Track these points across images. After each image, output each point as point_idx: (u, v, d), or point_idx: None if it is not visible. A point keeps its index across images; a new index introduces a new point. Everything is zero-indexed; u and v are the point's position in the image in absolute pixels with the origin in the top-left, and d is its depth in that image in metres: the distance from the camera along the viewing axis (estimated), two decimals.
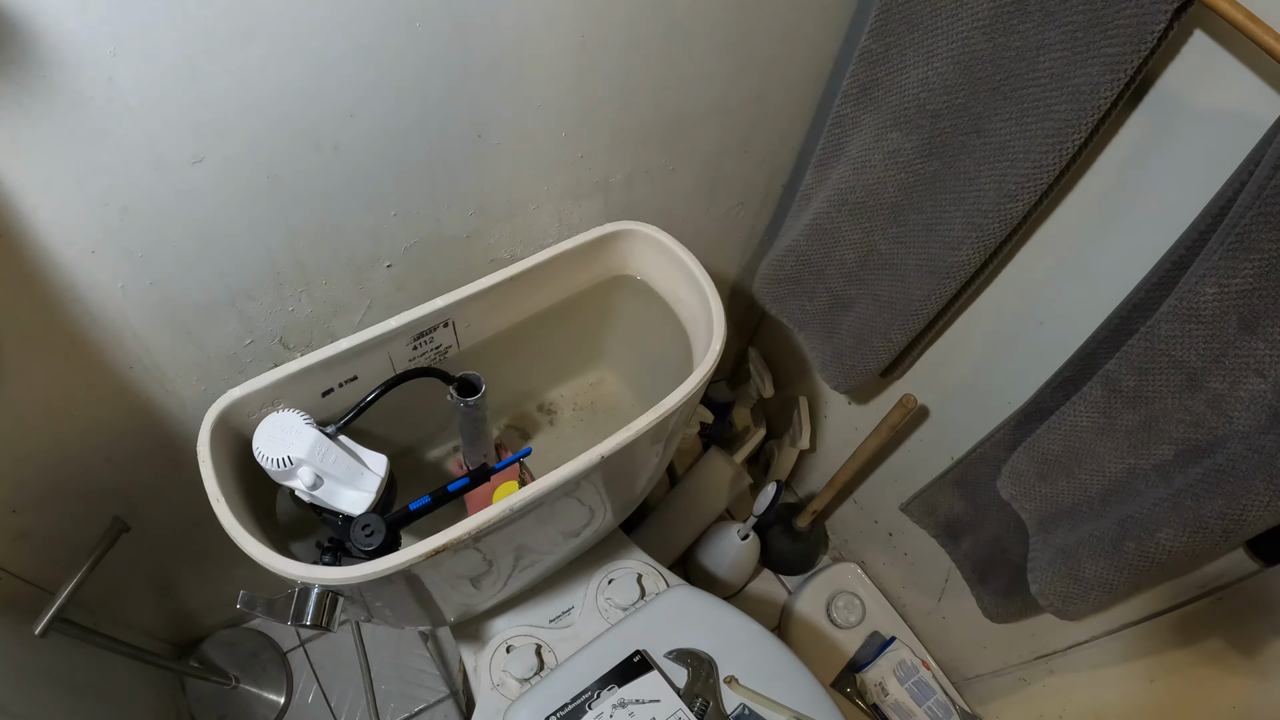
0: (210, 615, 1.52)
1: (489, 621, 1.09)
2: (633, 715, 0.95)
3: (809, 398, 1.52)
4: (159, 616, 1.43)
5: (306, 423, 0.77)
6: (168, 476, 1.03)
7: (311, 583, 0.70)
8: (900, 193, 0.97)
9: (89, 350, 0.79)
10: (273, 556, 0.70)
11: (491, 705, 1.02)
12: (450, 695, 1.54)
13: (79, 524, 1.02)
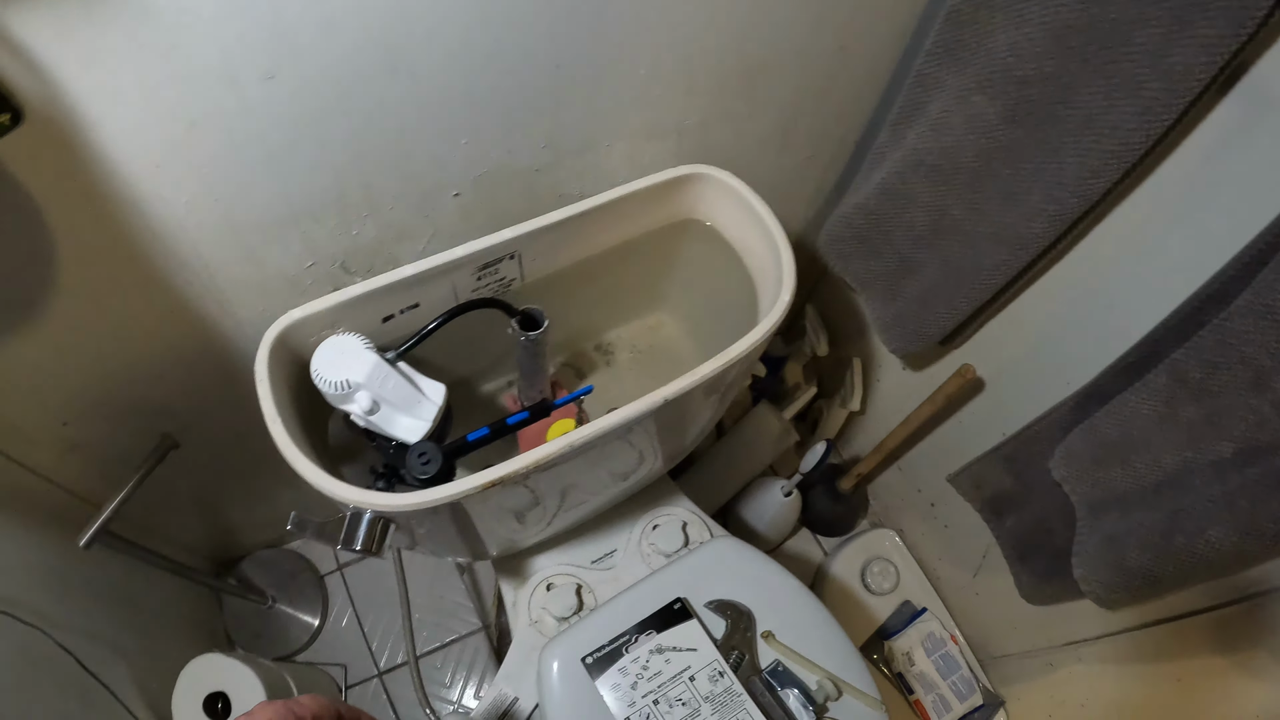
0: (251, 535, 1.54)
1: (531, 558, 1.09)
2: (669, 662, 0.95)
3: (863, 359, 1.50)
4: (200, 534, 1.46)
5: (367, 347, 0.77)
6: (219, 395, 1.04)
7: (364, 508, 0.70)
8: (979, 158, 0.94)
9: (148, 266, 0.79)
10: (327, 480, 0.70)
11: (528, 641, 1.03)
12: (482, 629, 1.56)
13: (128, 439, 1.03)
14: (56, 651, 1.00)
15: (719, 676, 0.95)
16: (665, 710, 0.94)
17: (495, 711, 1.01)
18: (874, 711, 1.01)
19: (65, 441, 1.01)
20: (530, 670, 1.01)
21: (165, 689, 1.19)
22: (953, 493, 1.33)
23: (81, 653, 1.04)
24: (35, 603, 1.00)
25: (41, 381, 0.89)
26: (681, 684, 0.95)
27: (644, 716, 0.93)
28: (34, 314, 0.79)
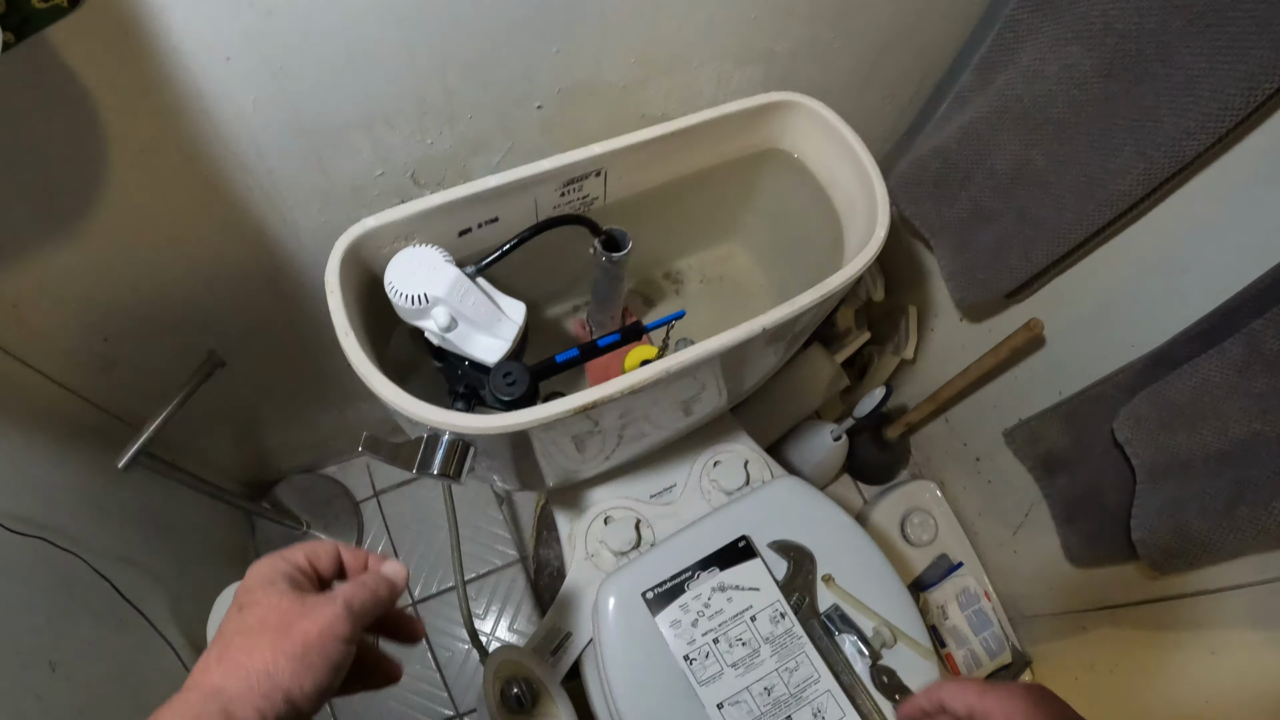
0: (287, 459, 1.52)
1: (588, 490, 1.07)
2: (730, 600, 0.93)
3: (918, 307, 1.46)
4: (237, 457, 1.44)
5: (446, 260, 0.73)
6: (271, 312, 1.01)
7: (443, 429, 0.67)
8: (1070, 109, 0.91)
9: (207, 167, 0.75)
10: (406, 398, 0.67)
11: (583, 575, 1.01)
12: (519, 560, 1.55)
13: (171, 357, 1.00)
14: (92, 577, 0.98)
15: (780, 618, 0.94)
16: (725, 650, 0.92)
17: (547, 646, 0.99)
18: (927, 662, 0.99)
19: (104, 358, 0.98)
20: (585, 605, 1.00)
21: (199, 615, 1.17)
22: (1000, 448, 1.31)
23: (117, 579, 1.02)
24: (71, 527, 0.98)
25: (83, 293, 0.85)
26: (743, 623, 0.93)
27: (703, 654, 0.92)
28: (79, 220, 0.75)
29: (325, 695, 0.48)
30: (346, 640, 0.48)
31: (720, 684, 0.91)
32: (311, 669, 0.46)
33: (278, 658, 0.45)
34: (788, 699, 0.92)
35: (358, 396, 1.32)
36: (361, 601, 0.51)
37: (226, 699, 0.43)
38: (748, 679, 0.92)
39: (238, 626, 0.47)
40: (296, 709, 0.45)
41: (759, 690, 0.91)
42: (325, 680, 0.46)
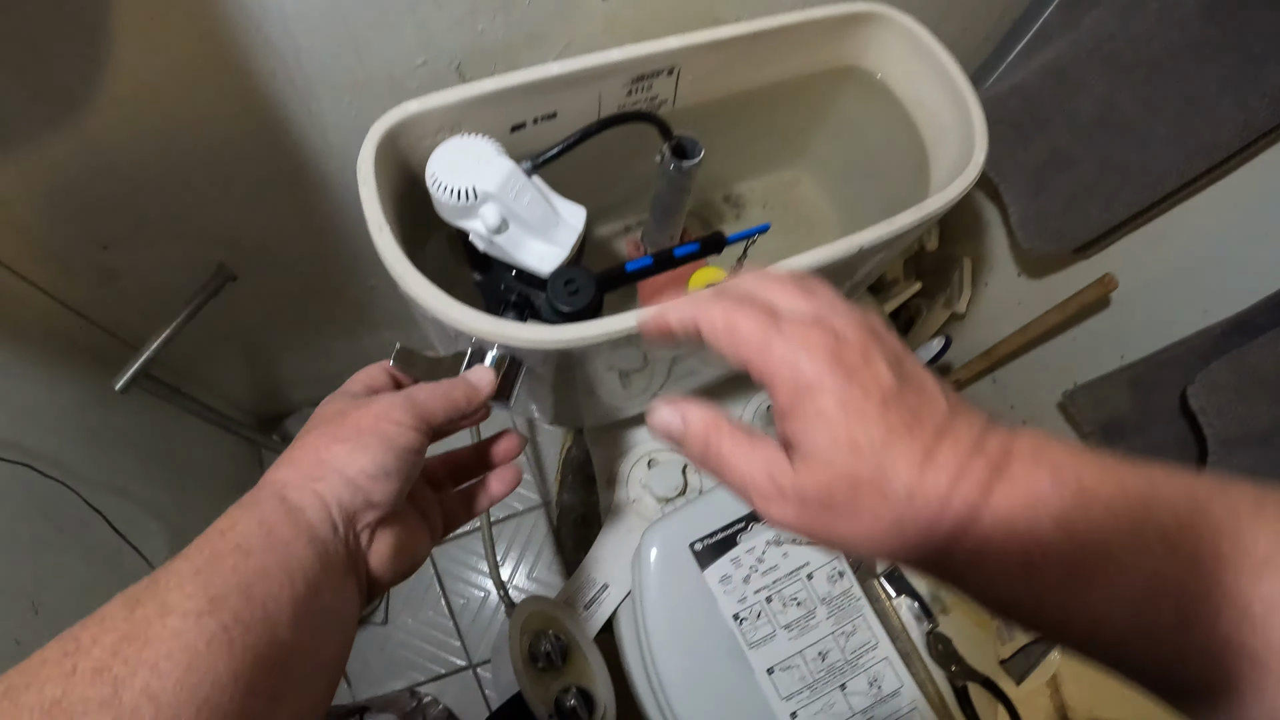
0: (300, 390, 1.44)
1: (630, 430, 0.98)
2: (786, 556, 0.85)
3: (973, 259, 1.37)
4: (246, 386, 1.35)
5: (499, 152, 0.63)
6: (289, 220, 0.92)
7: (492, 342, 0.58)
8: (1167, 53, 0.84)
9: (226, 46, 0.66)
10: (453, 304, 0.57)
11: (623, 523, 0.93)
12: (542, 505, 1.49)
13: (177, 269, 0.92)
14: (83, 510, 0.91)
15: (838, 577, 0.86)
16: (778, 610, 0.84)
17: (581, 599, 0.91)
18: (981, 631, 0.93)
19: (103, 269, 0.89)
20: (623, 555, 0.92)
21: None
22: (1048, 412, 1.26)
23: (111, 512, 0.95)
24: (61, 454, 0.91)
25: (80, 191, 0.76)
26: (798, 581, 0.85)
27: (755, 614, 0.84)
28: (76, 103, 0.67)
29: (394, 481, 0.46)
30: (406, 426, 0.47)
31: (771, 647, 0.83)
32: (367, 449, 0.45)
33: (329, 444, 0.45)
34: (842, 665, 0.84)
35: (379, 323, 1.23)
36: (428, 395, 0.50)
37: (281, 485, 0.43)
38: (801, 642, 0.84)
39: (296, 437, 0.47)
40: (360, 490, 0.44)
41: (813, 655, 0.84)
42: (385, 460, 0.45)
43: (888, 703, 0.85)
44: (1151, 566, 0.30)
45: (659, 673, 0.83)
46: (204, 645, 0.33)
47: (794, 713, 0.83)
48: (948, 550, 0.34)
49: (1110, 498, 0.31)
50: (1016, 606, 0.33)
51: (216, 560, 0.38)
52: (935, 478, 0.34)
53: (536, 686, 0.86)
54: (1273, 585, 0.28)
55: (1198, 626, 0.28)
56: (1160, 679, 0.31)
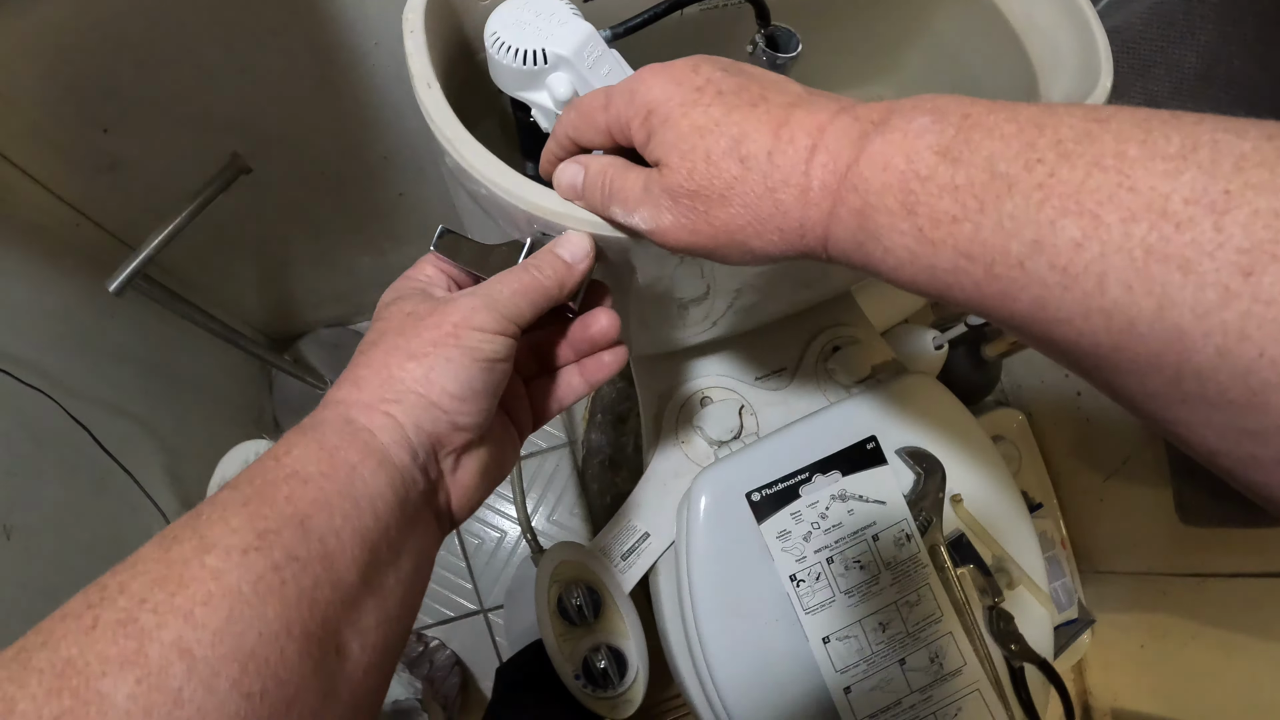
0: (315, 308, 1.35)
1: (682, 363, 0.88)
2: (852, 513, 0.76)
3: None
4: (257, 300, 1.27)
5: (574, 11, 0.53)
6: (315, 105, 0.83)
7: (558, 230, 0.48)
8: None
9: None
10: (519, 178, 0.47)
11: (669, 466, 0.84)
12: (567, 444, 1.42)
13: (184, 159, 0.83)
14: (68, 425, 0.83)
15: (905, 540, 0.77)
16: (839, 572, 0.75)
17: (618, 549, 0.83)
18: (1044, 611, 0.84)
19: (104, 157, 0.81)
20: (668, 502, 0.82)
21: (199, 478, 1.01)
22: None
23: (99, 428, 0.87)
24: (46, 362, 0.83)
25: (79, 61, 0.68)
26: (863, 542, 0.76)
27: (814, 575, 0.75)
28: None
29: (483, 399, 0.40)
30: (491, 332, 0.40)
31: (829, 614, 0.75)
32: (448, 364, 0.38)
33: (402, 360, 0.38)
34: (904, 638, 0.76)
35: (407, 238, 1.14)
36: (513, 290, 0.42)
37: (346, 405, 0.37)
38: (862, 610, 0.75)
39: (361, 348, 0.41)
40: (444, 413, 0.38)
41: (872, 625, 0.75)
42: (471, 377, 0.39)
43: (947, 682, 0.76)
44: (1043, 175, 0.27)
45: (701, 635, 0.75)
46: (249, 587, 0.28)
47: (847, 687, 0.74)
48: (832, 209, 0.33)
49: (998, 123, 0.29)
50: (912, 263, 0.31)
51: (268, 489, 0.32)
52: (792, 136, 0.34)
53: (564, 643, 0.78)
54: (1195, 179, 0.24)
55: (1107, 236, 0.25)
56: (1074, 321, 0.27)
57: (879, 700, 0.75)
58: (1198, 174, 0.24)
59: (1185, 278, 0.24)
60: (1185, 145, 0.25)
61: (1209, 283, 0.23)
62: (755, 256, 0.37)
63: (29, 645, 0.26)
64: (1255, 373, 0.23)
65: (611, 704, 0.81)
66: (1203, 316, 0.23)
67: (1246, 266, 0.23)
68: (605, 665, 0.79)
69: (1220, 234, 0.23)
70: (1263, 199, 0.23)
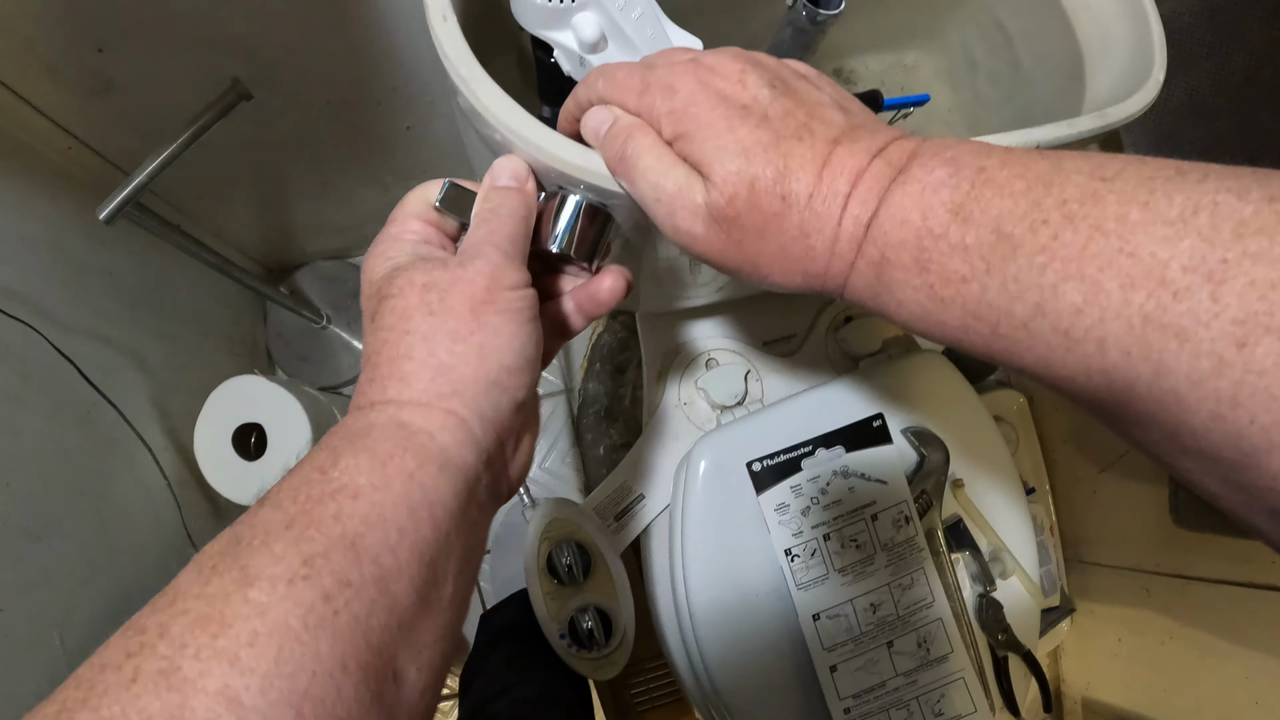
0: (314, 240, 1.32)
1: (689, 322, 0.86)
2: (852, 490, 0.75)
3: None
4: (254, 231, 1.24)
5: None
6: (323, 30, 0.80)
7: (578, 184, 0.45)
8: None
9: None
10: (535, 124, 0.44)
11: (669, 428, 0.82)
12: (564, 391, 1.41)
13: (183, 82, 0.80)
14: (53, 357, 0.80)
15: (904, 522, 0.75)
16: (835, 549, 0.74)
17: (614, 509, 0.81)
18: (1032, 602, 0.83)
19: (98, 78, 0.78)
20: (666, 464, 0.81)
21: (188, 413, 0.99)
22: None
23: (85, 361, 0.84)
24: (31, 292, 0.80)
25: None
26: (861, 521, 0.74)
27: (809, 551, 0.74)
28: None
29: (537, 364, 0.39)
30: (519, 286, 0.38)
31: (821, 591, 0.73)
32: (497, 335, 0.36)
33: (449, 344, 0.35)
34: (894, 621, 0.75)
35: (412, 173, 1.11)
36: (505, 233, 0.40)
37: (398, 408, 0.34)
38: (854, 590, 0.74)
39: (379, 337, 0.36)
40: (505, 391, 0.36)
41: (864, 606, 0.74)
42: (525, 344, 0.37)
43: (933, 668, 0.76)
44: (1047, 238, 0.28)
45: (690, 603, 0.74)
46: (298, 621, 0.26)
47: (834, 666, 0.73)
48: (854, 261, 0.34)
49: (1008, 180, 0.30)
50: (924, 319, 0.32)
51: (314, 507, 0.29)
52: (834, 181, 0.33)
53: (551, 602, 0.77)
54: (1194, 246, 0.24)
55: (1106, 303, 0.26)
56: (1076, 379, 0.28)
57: (864, 680, 0.74)
58: (1197, 241, 0.24)
59: (1181, 346, 0.24)
60: (1186, 209, 0.25)
61: (1204, 352, 0.24)
62: (770, 285, 0.38)
63: (69, 703, 0.24)
64: (1246, 438, 0.23)
65: (595, 664, 0.80)
66: (1198, 384, 0.24)
67: (1240, 338, 0.23)
68: (591, 626, 0.78)
69: (1216, 304, 0.24)
70: (1259, 269, 0.23)
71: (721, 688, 0.74)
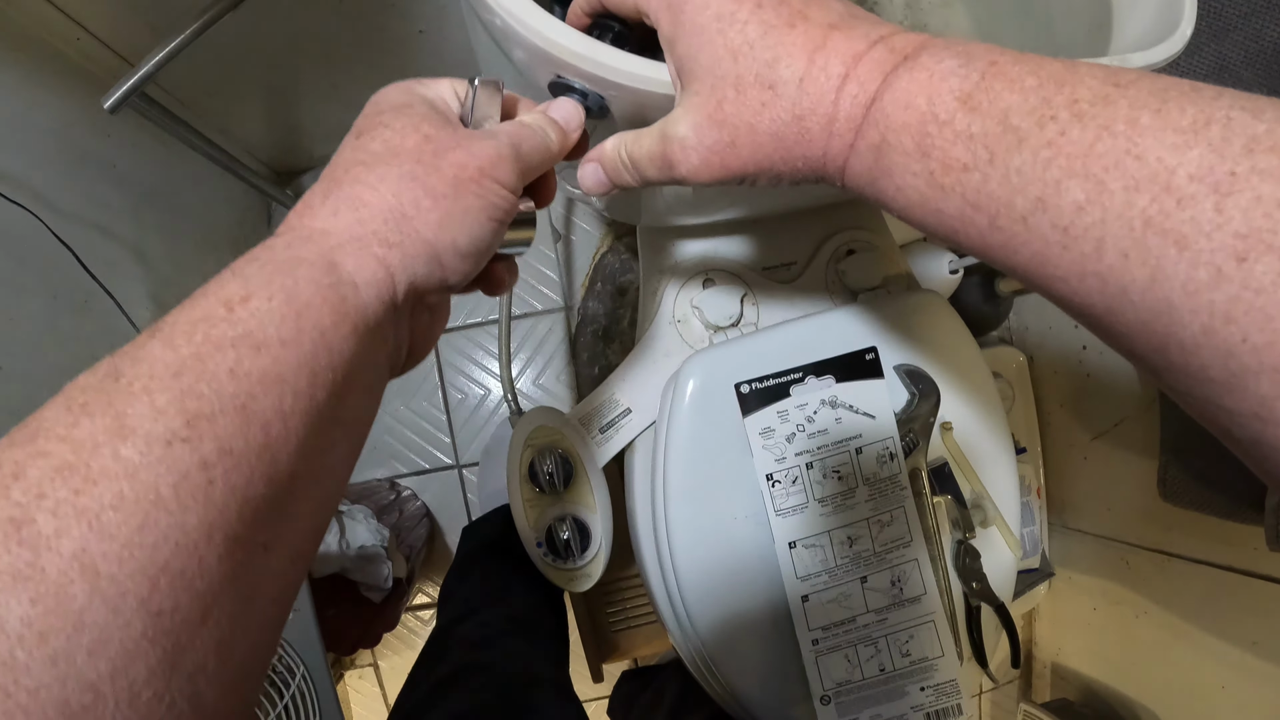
0: (322, 144, 1.31)
1: (688, 240, 0.85)
2: (839, 421, 0.74)
3: None
4: (262, 130, 1.22)
5: None
6: None
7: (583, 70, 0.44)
8: None
9: None
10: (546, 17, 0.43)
11: (661, 345, 0.82)
12: (563, 309, 1.40)
13: None
14: (52, 245, 0.79)
15: (888, 459, 0.75)
16: (817, 479, 0.74)
17: (597, 421, 0.81)
18: (1010, 555, 0.83)
19: None
20: (655, 380, 0.80)
21: None
22: None
23: (85, 250, 0.83)
24: (33, 179, 0.79)
25: None
26: (845, 453, 0.74)
27: (790, 479, 0.73)
28: None
29: (476, 264, 0.37)
30: (509, 188, 0.37)
31: (799, 519, 0.73)
32: (465, 214, 0.35)
33: (417, 193, 0.33)
34: (869, 557, 0.75)
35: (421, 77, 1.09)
36: (528, 145, 0.39)
37: (332, 242, 0.32)
38: (833, 521, 0.74)
39: (355, 155, 0.35)
40: (442, 268, 0.35)
41: (841, 538, 0.74)
42: (483, 235, 0.36)
43: (905, 608, 0.76)
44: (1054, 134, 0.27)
45: (669, 520, 0.74)
46: (169, 490, 0.23)
47: (805, 595, 0.74)
48: (853, 143, 0.33)
49: (1020, 75, 0.29)
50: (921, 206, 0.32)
51: (211, 354, 0.26)
52: (826, 63, 0.33)
53: (530, 509, 0.77)
54: (1203, 156, 0.24)
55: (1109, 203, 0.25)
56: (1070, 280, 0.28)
57: (834, 613, 0.74)
58: (1206, 151, 0.24)
59: (1180, 253, 0.24)
60: (1199, 119, 0.25)
61: (1202, 262, 0.23)
62: (780, 181, 0.37)
63: None
64: (1236, 356, 0.23)
65: (570, 576, 0.80)
66: (1192, 294, 0.24)
67: (1241, 252, 0.23)
68: (569, 537, 0.78)
69: (1220, 215, 0.23)
70: (1267, 185, 0.23)
71: (693, 609, 0.74)
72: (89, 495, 0.22)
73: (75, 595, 0.21)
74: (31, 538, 0.21)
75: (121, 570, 0.22)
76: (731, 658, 0.75)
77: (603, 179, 0.43)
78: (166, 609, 0.23)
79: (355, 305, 0.31)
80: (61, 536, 0.22)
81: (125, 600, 0.22)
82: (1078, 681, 1.41)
